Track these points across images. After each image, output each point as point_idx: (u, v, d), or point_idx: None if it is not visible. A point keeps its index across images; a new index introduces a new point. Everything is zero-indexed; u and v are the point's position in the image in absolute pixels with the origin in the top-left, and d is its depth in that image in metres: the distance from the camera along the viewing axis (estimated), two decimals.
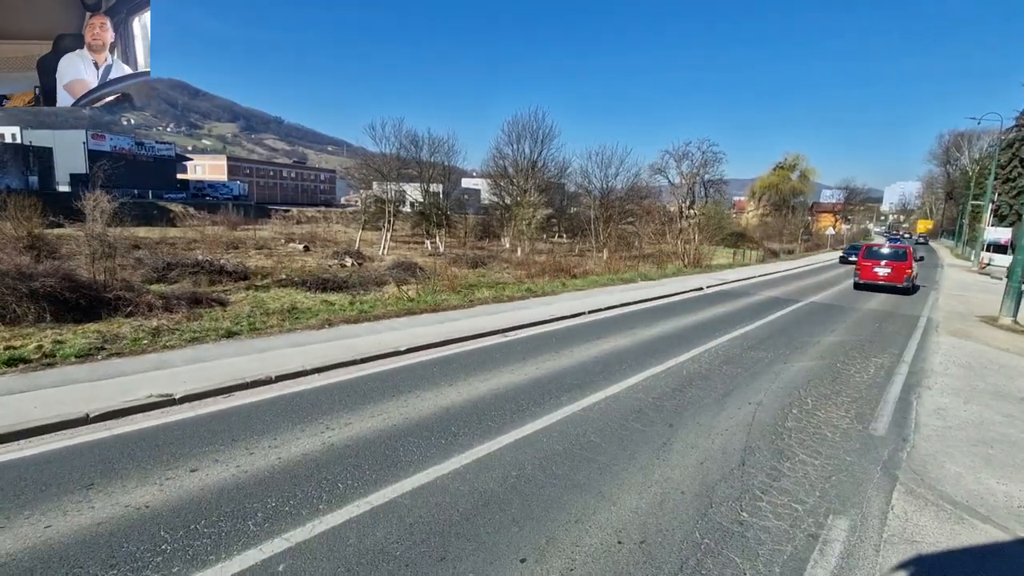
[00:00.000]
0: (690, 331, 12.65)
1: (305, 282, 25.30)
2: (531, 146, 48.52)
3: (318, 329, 10.49)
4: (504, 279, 33.44)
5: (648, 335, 11.97)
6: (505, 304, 14.26)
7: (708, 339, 11.78)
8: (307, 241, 49.60)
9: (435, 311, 12.76)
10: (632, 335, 11.85)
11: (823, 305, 17.89)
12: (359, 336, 10.16)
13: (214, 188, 69.17)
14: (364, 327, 10.94)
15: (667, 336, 12.00)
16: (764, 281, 24.88)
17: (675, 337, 11.90)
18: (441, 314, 12.61)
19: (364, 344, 9.57)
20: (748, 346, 11.33)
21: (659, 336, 11.94)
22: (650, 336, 11.89)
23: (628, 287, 19.17)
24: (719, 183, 33.89)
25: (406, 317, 11.98)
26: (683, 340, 11.61)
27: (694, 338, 11.83)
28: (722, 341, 11.69)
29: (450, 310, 13.12)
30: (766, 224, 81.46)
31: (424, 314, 12.45)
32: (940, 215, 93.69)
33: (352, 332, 10.48)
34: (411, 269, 32.98)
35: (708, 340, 11.69)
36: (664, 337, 11.89)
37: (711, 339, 11.80)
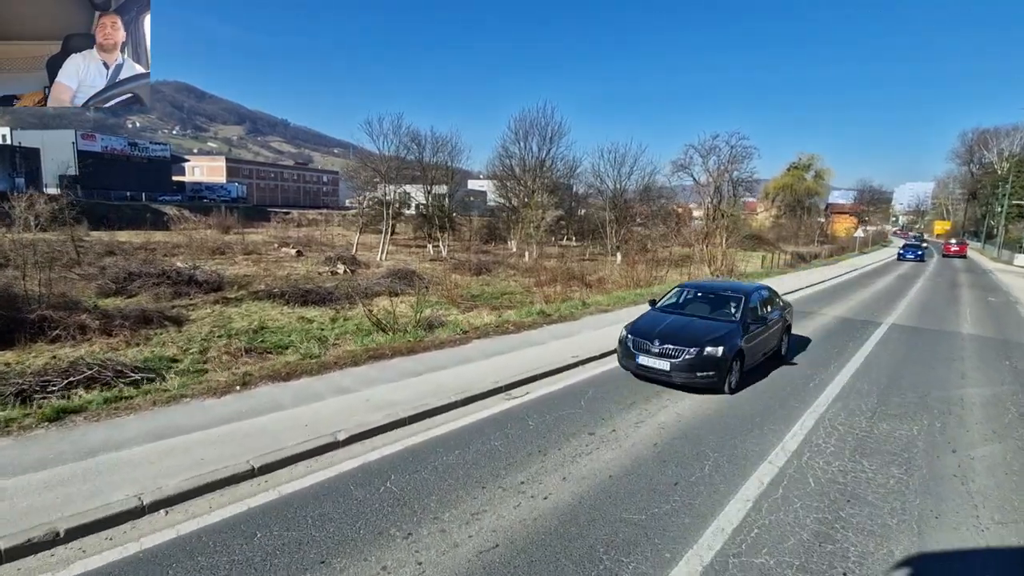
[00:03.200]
0: (775, 383, 8.79)
1: (284, 294, 21.73)
2: (539, 144, 44.68)
3: (220, 395, 6.70)
4: (510, 288, 29.68)
5: None
6: (510, 337, 10.49)
7: (805, 398, 7.94)
8: (302, 245, 46.05)
9: (412, 352, 8.98)
10: (689, 396, 8.01)
11: (910, 329, 13.95)
12: (276, 410, 6.37)
13: (212, 190, 65.82)
14: (297, 387, 7.18)
15: (747, 396, 8.16)
16: (816, 293, 20.89)
17: (763, 395, 8.08)
18: (420, 357, 8.84)
19: (278, 426, 5.81)
20: (870, 413, 7.46)
21: (734, 396, 8.10)
22: (723, 399, 8.04)
23: None
24: (750, 182, 29.95)
25: (369, 365, 8.21)
26: (773, 404, 7.77)
27: (787, 398, 7.97)
28: (826, 402, 7.83)
29: (434, 348, 9.34)
30: (780, 226, 77.26)
31: (397, 358, 8.68)
32: (962, 215, 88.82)
33: (272, 400, 6.70)
34: (407, 277, 29.27)
35: (805, 399, 7.85)
36: (743, 397, 8.06)
37: (809, 398, 7.95)
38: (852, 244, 58.80)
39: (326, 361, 8.13)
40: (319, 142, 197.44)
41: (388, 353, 8.77)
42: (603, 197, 43.88)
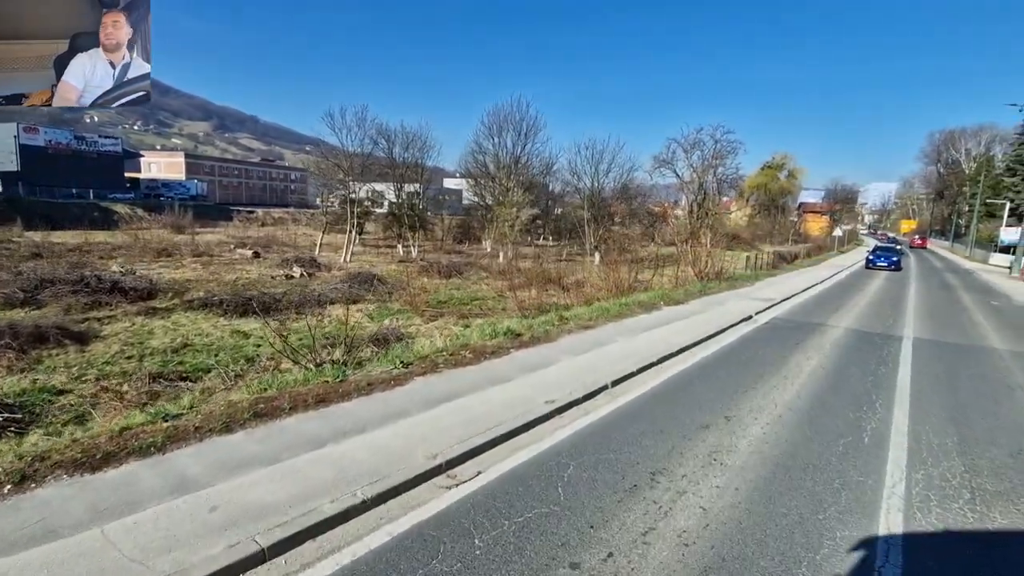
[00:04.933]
0: (814, 440, 6.42)
1: (223, 302, 18.83)
2: (514, 140, 42.13)
3: None
4: (482, 292, 27.07)
5: (751, 469, 5.71)
6: (466, 371, 7.92)
7: (866, 466, 5.59)
8: (261, 247, 42.72)
9: (323, 401, 6.29)
10: (719, 467, 5.59)
11: (934, 344, 11.88)
12: (48, 539, 3.72)
13: (169, 188, 61.23)
14: (110, 481, 4.47)
15: (781, 486, 5.76)
16: (814, 299, 18.82)
17: (805, 478, 5.70)
18: (333, 411, 6.20)
19: None
20: (967, 492, 5.13)
21: (771, 476, 5.69)
22: (760, 477, 5.63)
23: (652, 316, 12.96)
24: (735, 178, 28.01)
25: (247, 431, 5.52)
26: (825, 495, 5.39)
27: (846, 475, 5.60)
28: (900, 476, 5.48)
29: (358, 394, 6.69)
30: (755, 225, 76.41)
31: (297, 414, 6.02)
32: (929, 214, 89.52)
33: (47, 521, 4.03)
34: (369, 281, 26.42)
35: (867, 470, 5.50)
36: (777, 479, 5.66)
37: (871, 467, 5.61)
38: (827, 243, 57.98)
39: (184, 427, 5.44)
40: (291, 139, 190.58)
41: (286, 406, 6.10)
42: (580, 195, 41.57)
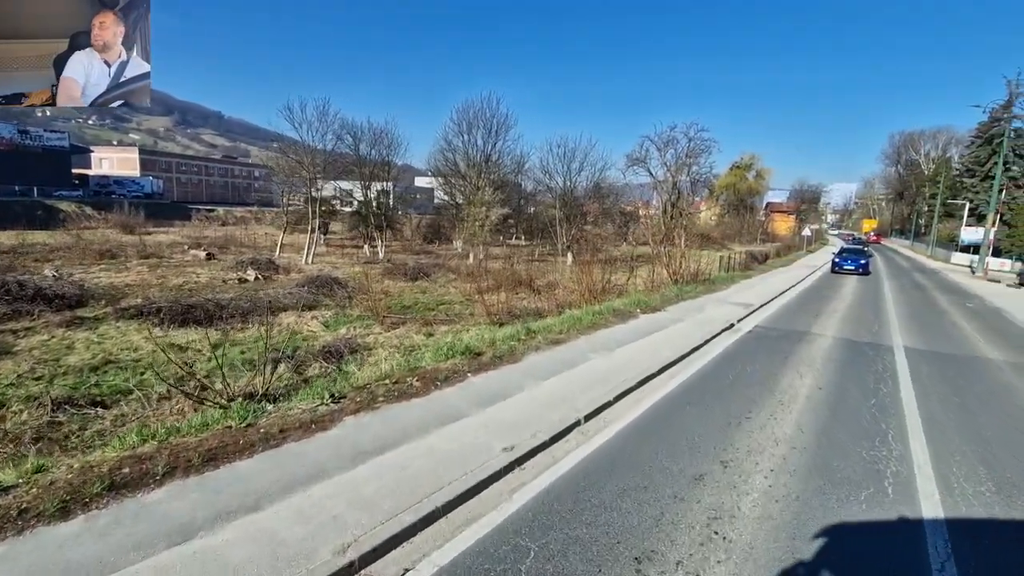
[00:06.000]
0: (836, 496, 5.25)
1: (160, 310, 16.99)
2: (484, 137, 40.66)
3: None
4: (449, 296, 25.58)
5: None
6: (410, 405, 6.51)
7: (908, 552, 4.43)
8: (217, 247, 40.30)
9: (213, 459, 4.77)
10: (721, 545, 4.35)
11: (929, 354, 11.00)
12: None
13: (121, 185, 57.46)
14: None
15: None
16: (793, 303, 17.97)
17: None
18: (223, 476, 4.70)
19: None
20: None
21: (786, 555, 4.46)
22: (774, 559, 4.39)
23: (628, 326, 11.75)
24: (709, 176, 27.23)
25: (85, 516, 4.01)
26: None
27: (879, 546, 4.41)
28: (944, 555, 4.34)
29: (266, 446, 5.18)
30: (724, 224, 76.79)
31: (170, 483, 4.51)
32: (889, 214, 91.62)
33: None
34: (328, 285, 24.67)
35: (903, 539, 4.35)
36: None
37: (909, 539, 4.45)
38: (794, 242, 58.35)
39: (5, 513, 3.90)
40: (257, 136, 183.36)
41: (160, 469, 4.58)
42: (552, 194, 40.39)
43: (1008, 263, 38.44)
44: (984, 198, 44.37)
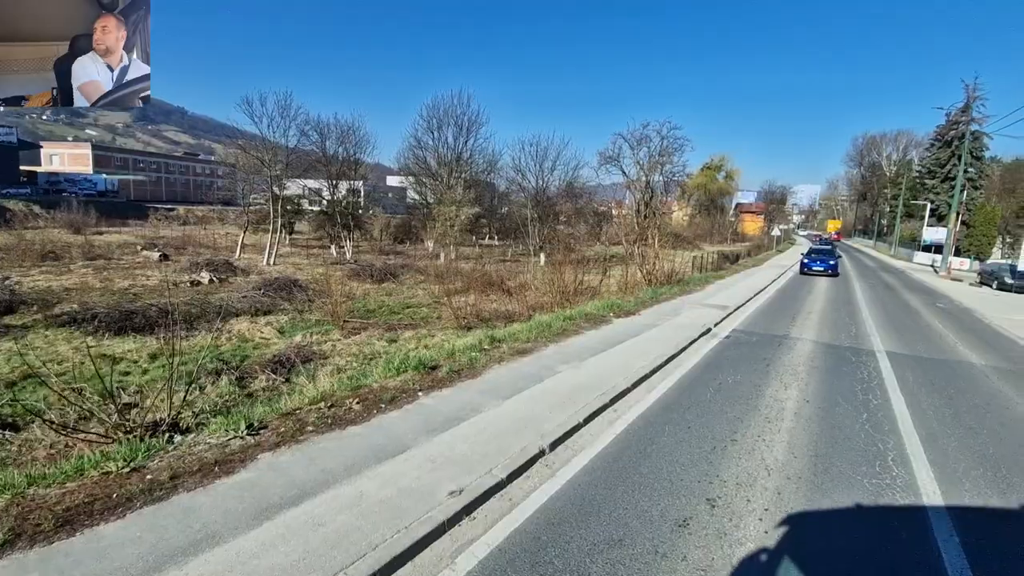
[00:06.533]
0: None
1: (97, 317, 15.59)
2: (455, 134, 39.60)
3: None
4: (417, 298, 24.46)
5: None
6: (346, 435, 5.48)
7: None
8: (175, 247, 38.25)
9: (68, 524, 3.66)
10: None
11: (910, 359, 10.47)
12: None
13: (73, 182, 54.15)
14: None
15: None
16: (769, 305, 17.46)
17: None
18: (99, 532, 3.63)
19: None
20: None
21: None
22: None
23: (600, 333, 10.92)
24: (683, 175, 26.75)
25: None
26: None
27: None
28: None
29: (155, 497, 4.10)
30: (696, 224, 77.36)
31: (30, 548, 3.43)
32: (853, 214, 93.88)
33: None
34: (288, 288, 23.26)
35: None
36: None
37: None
38: (763, 242, 58.92)
39: None
40: (222, 132, 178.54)
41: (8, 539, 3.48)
42: (525, 194, 39.52)
43: (967, 262, 39.31)
44: (944, 199, 45.38)
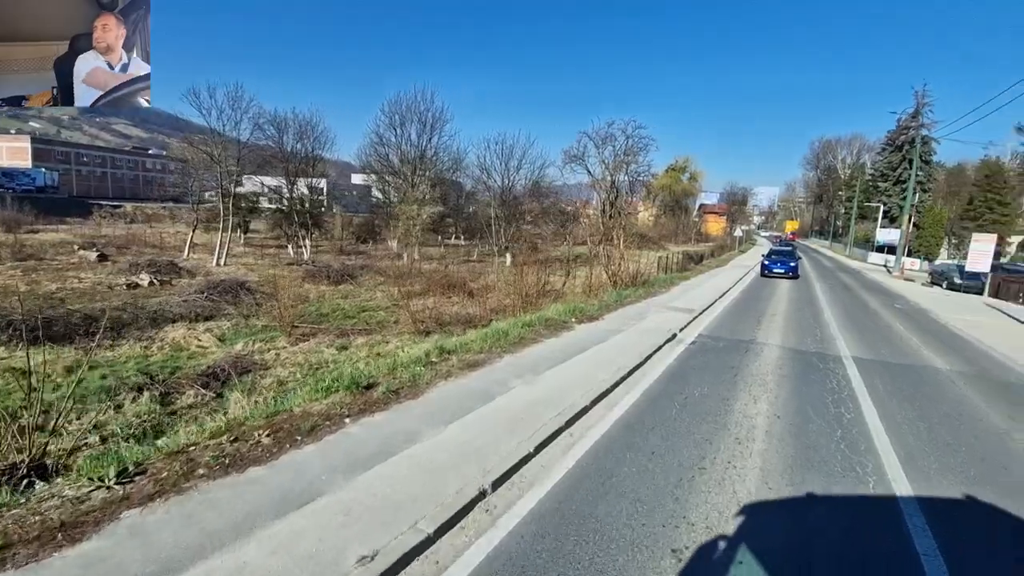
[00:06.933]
0: None
1: (11, 324, 14.21)
2: (418, 132, 38.38)
3: None
4: (375, 301, 23.32)
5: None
6: (241, 479, 4.53)
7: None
8: (117, 246, 35.87)
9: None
10: None
11: (878, 365, 10.11)
12: None
13: (10, 177, 50.10)
14: None
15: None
16: (733, 306, 17.12)
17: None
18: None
19: None
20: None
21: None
22: None
23: (560, 340, 10.17)
24: (648, 175, 26.37)
25: None
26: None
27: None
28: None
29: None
30: (661, 225, 78.11)
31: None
32: (810, 216, 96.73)
33: None
34: (234, 291, 21.77)
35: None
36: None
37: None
38: (726, 242, 59.82)
39: None
40: (177, 127, 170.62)
41: None
42: (490, 193, 38.64)
43: (918, 263, 40.57)
44: (896, 201, 46.81)
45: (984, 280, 25.43)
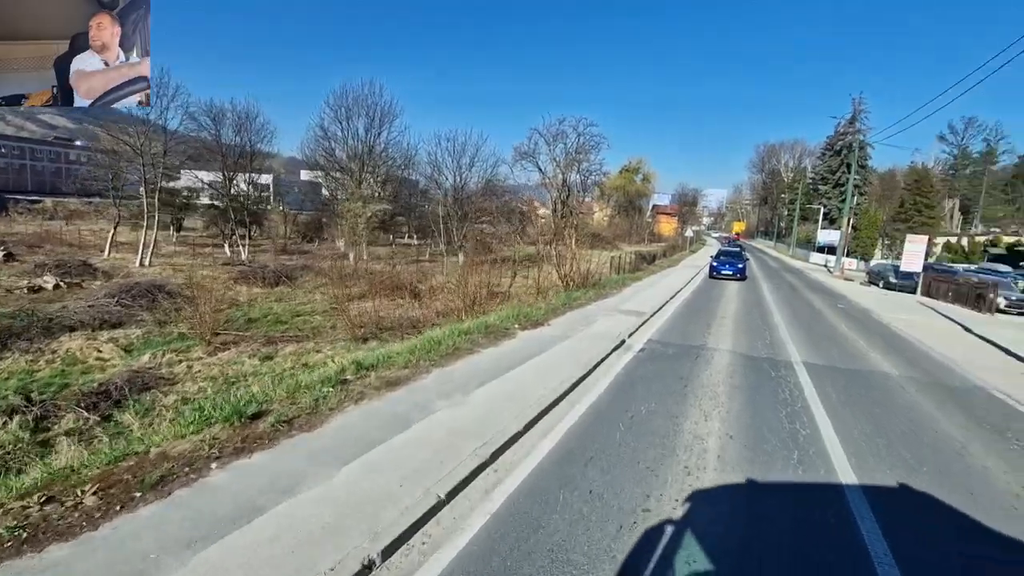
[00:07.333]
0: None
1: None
2: (366, 126, 36.62)
3: None
4: (312, 304, 21.75)
5: None
6: (41, 561, 3.34)
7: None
8: (28, 244, 32.60)
9: None
10: None
11: (828, 370, 9.70)
12: None
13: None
14: None
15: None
16: (683, 308, 16.67)
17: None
18: None
19: None
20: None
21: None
22: None
23: (499, 350, 9.22)
24: (600, 176, 25.86)
25: None
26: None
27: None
28: None
29: None
30: (615, 225, 78.79)
31: None
32: (756, 217, 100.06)
33: None
34: (151, 294, 19.79)
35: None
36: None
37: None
38: (678, 242, 60.74)
39: None
40: (110, 117, 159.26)
41: None
42: (442, 191, 37.36)
43: (855, 263, 42.12)
44: (835, 203, 48.59)
45: (917, 280, 26.30)
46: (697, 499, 4.81)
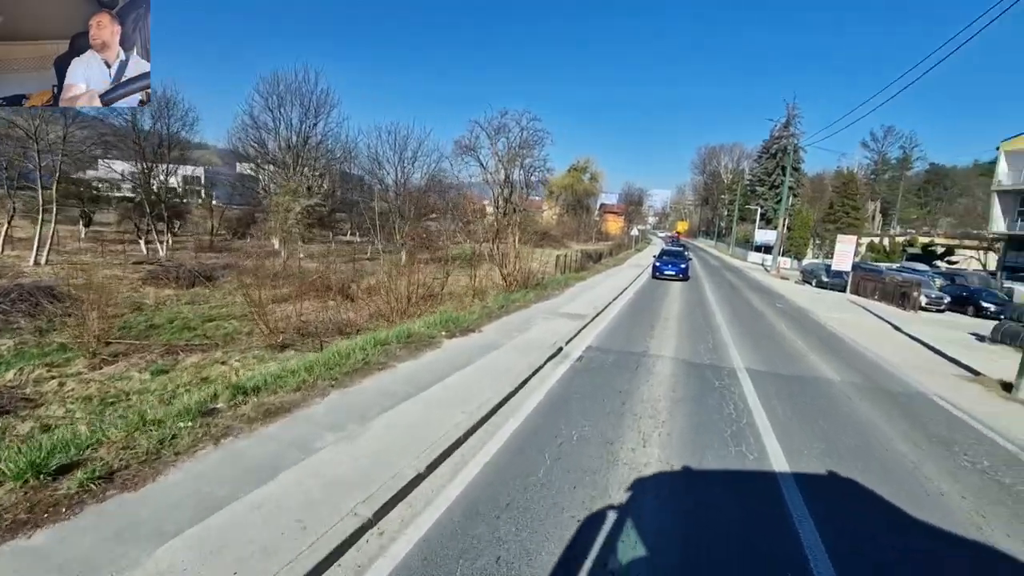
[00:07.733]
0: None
1: None
2: (300, 116, 34.31)
3: None
4: (229, 307, 19.75)
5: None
6: None
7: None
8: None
9: None
10: None
11: (771, 377, 9.18)
12: None
13: None
14: None
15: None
16: (626, 310, 16.03)
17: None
18: None
19: None
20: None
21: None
22: None
23: (417, 364, 8.07)
24: (544, 171, 25.07)
25: None
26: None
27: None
28: None
29: None
30: (563, 223, 78.92)
31: None
32: (698, 217, 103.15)
33: None
34: (34, 298, 17.31)
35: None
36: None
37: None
38: (624, 241, 61.37)
39: None
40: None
41: None
42: (383, 186, 35.54)
43: (789, 261, 43.65)
44: (772, 205, 50.25)
45: (846, 278, 27.17)
46: (625, 541, 3.86)
